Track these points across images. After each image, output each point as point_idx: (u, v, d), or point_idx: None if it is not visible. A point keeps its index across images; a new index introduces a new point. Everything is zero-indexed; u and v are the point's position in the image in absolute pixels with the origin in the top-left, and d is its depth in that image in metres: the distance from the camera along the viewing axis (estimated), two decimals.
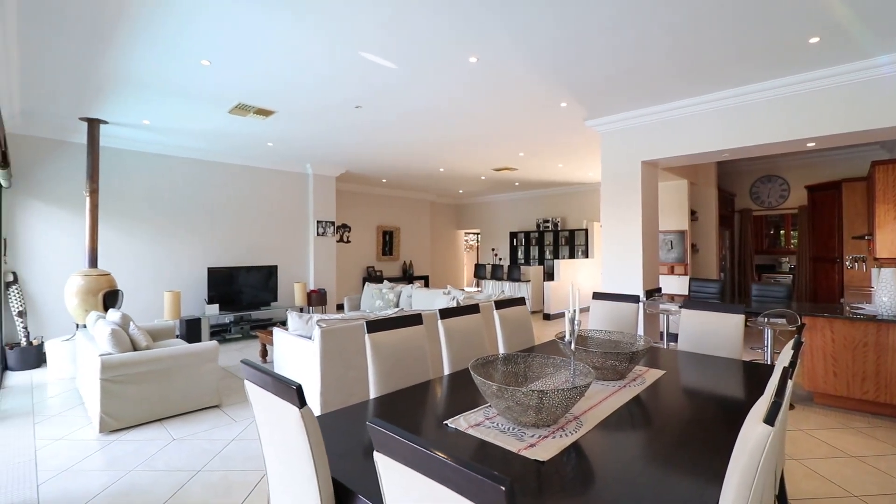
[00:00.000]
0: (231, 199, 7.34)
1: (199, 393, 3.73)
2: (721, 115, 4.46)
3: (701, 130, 4.61)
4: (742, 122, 4.34)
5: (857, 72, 3.69)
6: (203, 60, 3.65)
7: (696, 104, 4.54)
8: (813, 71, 3.84)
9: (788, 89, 4.03)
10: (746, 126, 4.32)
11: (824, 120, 3.90)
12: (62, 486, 2.59)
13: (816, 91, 3.93)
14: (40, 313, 5.49)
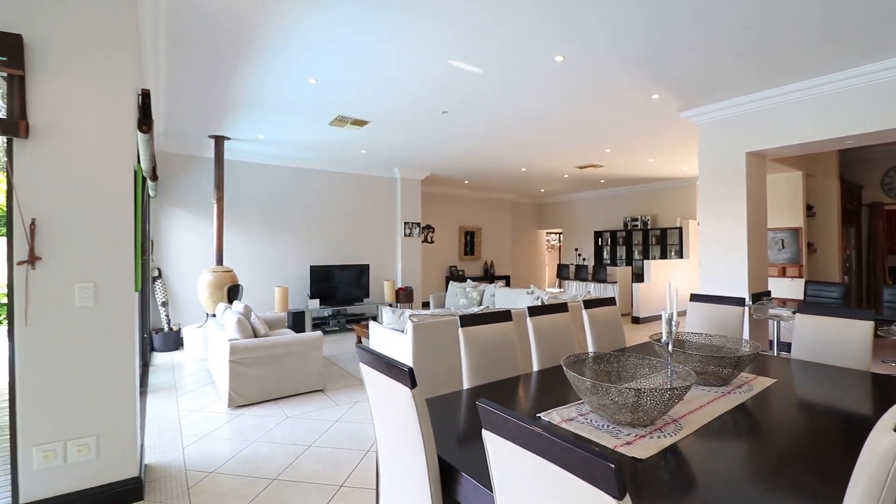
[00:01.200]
0: (329, 203, 7.99)
1: (306, 377, 4.16)
2: (847, 96, 3.96)
3: (819, 115, 4.13)
4: (873, 104, 3.82)
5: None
6: (310, 79, 4.06)
7: (815, 86, 4.07)
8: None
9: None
10: (878, 107, 3.79)
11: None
12: (201, 449, 3.07)
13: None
14: (178, 303, 6.45)
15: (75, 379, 2.25)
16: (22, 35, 2.12)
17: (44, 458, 2.17)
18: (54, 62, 2.21)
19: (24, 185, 2.15)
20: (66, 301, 2.22)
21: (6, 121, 2.11)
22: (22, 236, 2.13)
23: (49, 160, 2.20)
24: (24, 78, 2.14)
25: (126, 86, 2.41)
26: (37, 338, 2.17)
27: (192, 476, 2.67)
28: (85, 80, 2.28)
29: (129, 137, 2.43)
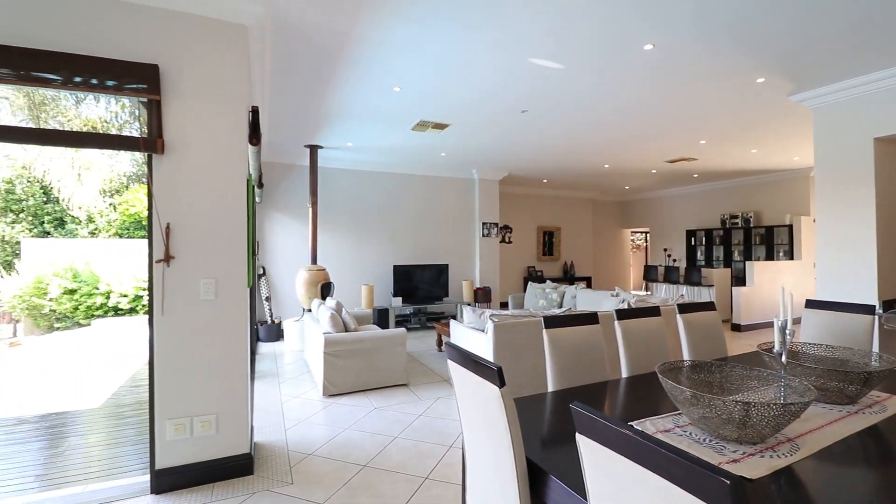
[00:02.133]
0: (410, 205, 8.28)
1: (391, 372, 4.36)
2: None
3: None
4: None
5: None
6: (395, 87, 4.24)
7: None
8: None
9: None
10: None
11: None
12: (300, 432, 3.34)
13: None
14: (280, 298, 7.09)
15: (199, 362, 2.57)
16: (158, 65, 2.47)
17: (175, 431, 2.51)
18: (183, 87, 2.55)
19: (161, 195, 2.51)
20: (193, 294, 2.55)
21: (147, 139, 2.48)
22: (159, 238, 2.49)
23: (179, 172, 2.54)
24: (160, 102, 2.50)
25: (239, 104, 2.70)
26: (170, 325, 2.52)
27: (293, 456, 2.92)
28: (207, 101, 2.60)
29: (242, 150, 2.72)
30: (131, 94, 2.42)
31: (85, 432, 3.61)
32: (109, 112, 9.15)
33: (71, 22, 2.32)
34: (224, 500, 2.40)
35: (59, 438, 3.48)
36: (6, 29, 2.20)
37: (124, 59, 2.39)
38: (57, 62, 2.26)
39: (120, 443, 3.33)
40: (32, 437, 3.51)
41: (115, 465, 2.92)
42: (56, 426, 3.73)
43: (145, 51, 2.46)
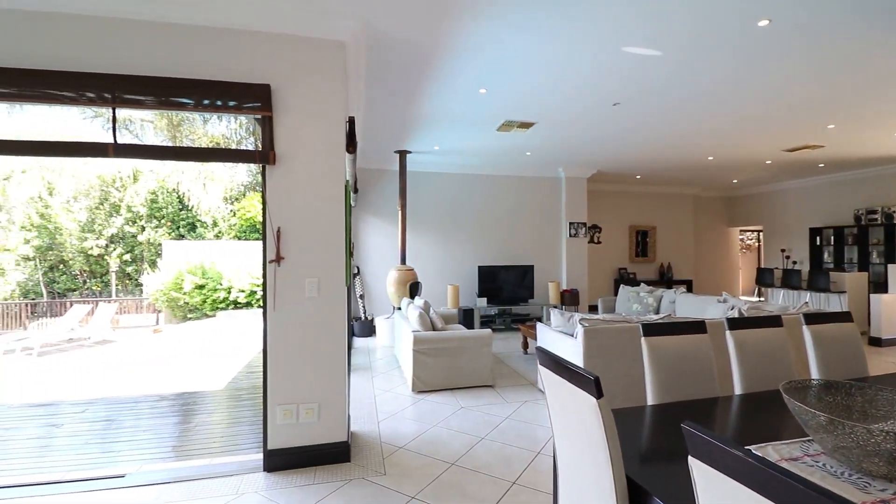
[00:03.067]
0: (495, 206, 8.27)
1: (477, 372, 4.39)
2: None
3: None
4: None
5: None
6: (480, 89, 4.26)
7: None
8: None
9: None
10: None
11: None
12: (392, 425, 3.49)
13: None
14: (372, 296, 7.50)
15: (305, 354, 2.81)
16: (270, 84, 2.74)
17: (284, 416, 2.77)
18: (290, 103, 2.79)
19: (273, 201, 2.78)
20: (300, 292, 2.79)
21: (261, 152, 2.76)
22: (272, 241, 2.76)
23: (287, 181, 2.79)
24: (272, 118, 2.76)
25: (338, 116, 2.90)
26: (280, 320, 2.78)
27: (385, 448, 3.07)
28: (310, 114, 2.83)
29: (341, 158, 2.92)
30: (248, 112, 2.72)
31: (210, 411, 4.12)
32: (230, 129, 10.37)
33: (198, 52, 2.66)
34: (325, 483, 2.59)
35: (191, 415, 4.01)
36: (152, 63, 2.59)
37: (241, 81, 2.69)
38: (188, 88, 2.61)
39: (238, 423, 3.75)
40: (170, 412, 4.09)
41: (234, 442, 3.30)
42: (188, 404, 4.30)
43: (258, 72, 2.74)
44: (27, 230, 12.09)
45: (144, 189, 13.13)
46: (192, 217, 13.52)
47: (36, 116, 8.04)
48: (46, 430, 3.65)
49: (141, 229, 13.05)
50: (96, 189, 12.83)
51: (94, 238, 12.67)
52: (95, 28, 2.54)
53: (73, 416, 3.99)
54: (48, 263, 12.51)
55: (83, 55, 2.51)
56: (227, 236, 13.56)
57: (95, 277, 13.09)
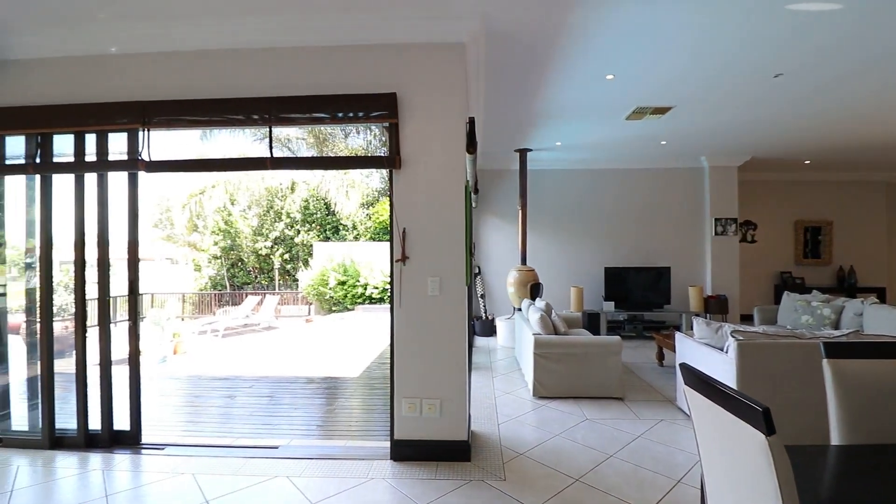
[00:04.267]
0: (623, 202, 7.64)
1: (604, 382, 4.07)
2: None
3: None
4: None
5: None
6: (607, 76, 3.94)
7: None
8: None
9: None
10: None
11: None
12: (512, 429, 3.41)
13: None
14: (492, 296, 7.52)
15: (427, 351, 2.89)
16: (396, 93, 2.88)
17: (408, 409, 2.89)
18: (414, 108, 2.90)
19: (399, 204, 2.92)
20: (422, 291, 2.89)
21: (389, 158, 2.92)
22: (398, 241, 2.90)
23: (411, 183, 2.91)
24: (398, 124, 2.90)
25: (459, 117, 2.92)
26: (405, 316, 2.91)
27: (505, 453, 3.01)
28: (432, 117, 2.90)
29: (461, 159, 2.94)
30: (377, 120, 2.90)
31: (348, 396, 4.53)
32: (365, 141, 11.45)
33: (333, 71, 2.92)
34: (445, 480, 2.63)
35: (332, 398, 4.46)
36: (297, 84, 2.92)
37: (370, 92, 2.88)
38: (326, 103, 2.88)
39: (370, 410, 4.06)
40: (316, 394, 4.60)
41: (366, 427, 3.56)
42: (331, 388, 4.79)
43: (385, 82, 2.90)
44: (216, 234, 14.88)
45: (299, 198, 15.17)
46: (336, 221, 15.19)
47: (220, 141, 9.75)
48: (225, 401, 4.39)
49: (297, 232, 15.08)
50: (264, 199, 15.23)
51: (262, 240, 15.04)
52: (253, 59, 2.96)
53: (244, 390, 4.75)
54: (230, 261, 15.20)
55: (245, 83, 2.95)
56: (364, 238, 14.92)
57: (263, 273, 15.51)
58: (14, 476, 2.71)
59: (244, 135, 10.09)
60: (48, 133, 3.10)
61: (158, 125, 2.99)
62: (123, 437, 3.16)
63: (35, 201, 3.25)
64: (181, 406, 4.30)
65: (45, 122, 3.05)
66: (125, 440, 3.16)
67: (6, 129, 3.11)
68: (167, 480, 2.66)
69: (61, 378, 3.21)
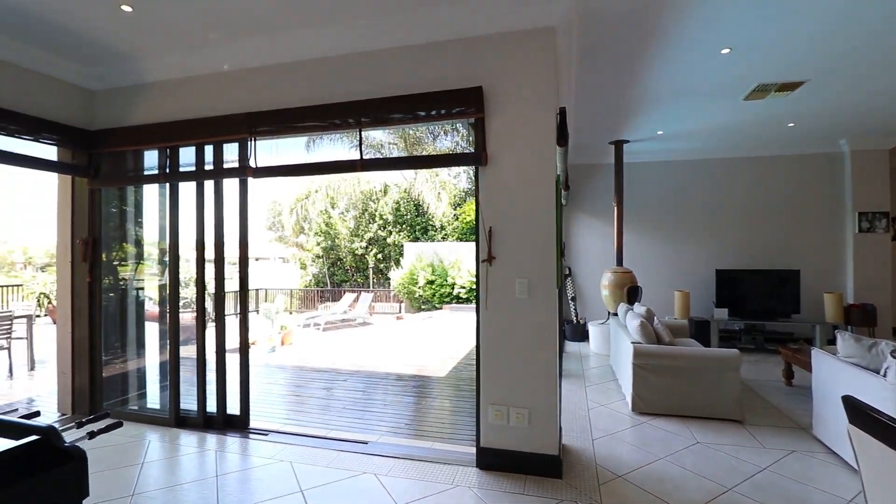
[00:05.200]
0: (738, 195, 6.73)
1: (719, 401, 3.57)
2: None
3: None
4: None
5: None
6: (723, 49, 3.45)
7: None
8: None
9: None
10: None
11: None
12: (608, 446, 3.12)
13: None
14: (584, 299, 7.10)
15: (515, 357, 2.74)
16: (482, 86, 2.77)
17: (495, 416, 2.76)
18: (500, 101, 2.77)
19: (485, 202, 2.81)
20: (510, 292, 2.74)
21: (474, 154, 2.82)
22: (484, 241, 2.79)
23: (498, 180, 2.78)
24: (484, 119, 2.79)
25: (549, 108, 2.73)
26: (492, 319, 2.79)
27: (601, 473, 2.74)
28: (520, 109, 2.75)
29: (552, 153, 2.75)
30: (462, 116, 2.82)
31: (434, 396, 4.53)
32: (453, 142, 11.58)
33: (416, 69, 2.90)
34: (535, 496, 2.46)
35: (420, 397, 4.50)
36: (383, 86, 2.94)
37: (455, 88, 2.80)
38: (410, 102, 2.87)
39: (456, 412, 4.00)
40: (404, 392, 4.67)
41: (452, 430, 3.51)
42: (419, 387, 4.84)
43: (470, 76, 2.81)
44: (318, 235, 16.09)
45: (391, 200, 15.83)
46: (425, 222, 15.59)
47: (322, 150, 10.39)
48: (323, 393, 4.64)
49: (389, 233, 15.74)
50: (360, 202, 16.15)
51: (358, 241, 15.94)
52: (340, 65, 3.06)
53: (340, 383, 4.99)
54: (330, 260, 16.32)
55: (334, 89, 3.05)
56: (452, 238, 15.10)
57: (359, 272, 16.43)
58: (146, 449, 3.09)
59: (342, 143, 10.81)
60: (175, 146, 3.51)
61: (262, 134, 3.22)
62: (235, 420, 3.46)
63: (165, 207, 3.70)
64: (285, 395, 4.63)
65: (172, 136, 3.45)
66: (236, 424, 3.45)
67: (144, 144, 3.58)
68: (269, 466, 2.83)
69: (187, 363, 3.60)
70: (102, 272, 3.82)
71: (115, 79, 3.66)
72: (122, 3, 2.65)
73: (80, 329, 3.77)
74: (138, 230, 4.03)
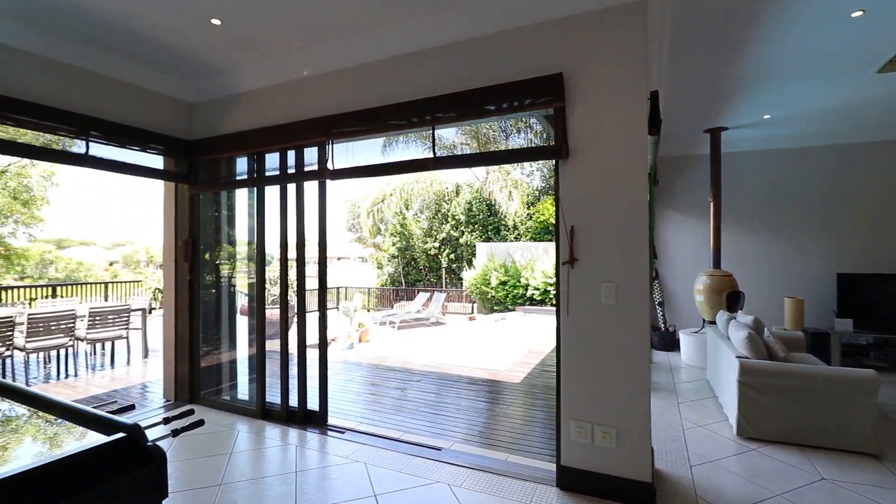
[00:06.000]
0: (860, 187, 5.73)
1: (848, 430, 3.01)
2: None
3: None
4: None
5: None
6: (854, 12, 2.90)
7: None
8: None
9: None
10: None
11: None
12: (710, 476, 2.74)
13: None
14: (673, 304, 6.48)
15: (600, 369, 2.49)
16: (562, 72, 2.55)
17: (577, 433, 2.53)
18: (583, 87, 2.54)
19: (566, 198, 2.59)
20: (594, 298, 2.50)
21: (554, 147, 2.61)
22: (564, 241, 2.57)
23: (581, 174, 2.55)
24: (564, 108, 2.57)
25: (638, 92, 2.45)
26: (574, 327, 2.56)
27: None
28: (606, 95, 2.49)
29: (643, 143, 2.46)
30: (541, 106, 2.62)
31: (509, 403, 4.35)
32: (526, 140, 11.26)
33: (490, 60, 2.75)
34: None
35: (494, 404, 4.34)
36: (459, 77, 2.83)
37: (532, 76, 2.61)
38: (484, 95, 2.73)
39: (531, 422, 3.79)
40: (478, 397, 4.54)
41: (527, 442, 3.31)
42: (493, 392, 4.69)
43: (549, 63, 2.60)
44: (393, 236, 16.54)
45: (463, 201, 15.83)
46: (497, 221, 15.39)
47: (397, 153, 10.57)
48: (397, 393, 4.66)
49: (461, 233, 15.75)
50: (432, 203, 16.37)
51: (431, 241, 16.14)
52: (409, 63, 3.01)
53: (414, 384, 4.99)
54: (405, 260, 16.71)
55: (405, 88, 3.01)
56: (525, 238, 14.73)
57: (432, 272, 16.62)
58: (235, 439, 3.27)
59: (416, 146, 11.03)
60: (261, 152, 3.69)
61: (338, 136, 3.27)
62: (314, 416, 3.56)
63: (254, 210, 3.91)
64: (361, 393, 4.72)
65: (258, 143, 3.63)
66: (315, 420, 3.55)
67: (235, 151, 3.81)
68: (344, 466, 2.85)
69: (273, 357, 3.78)
70: (200, 270, 4.13)
71: (210, 91, 3.94)
72: (211, 16, 2.81)
73: (182, 323, 4.11)
74: (231, 231, 4.33)
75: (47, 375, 5.41)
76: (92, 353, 6.28)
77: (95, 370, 5.64)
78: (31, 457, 1.24)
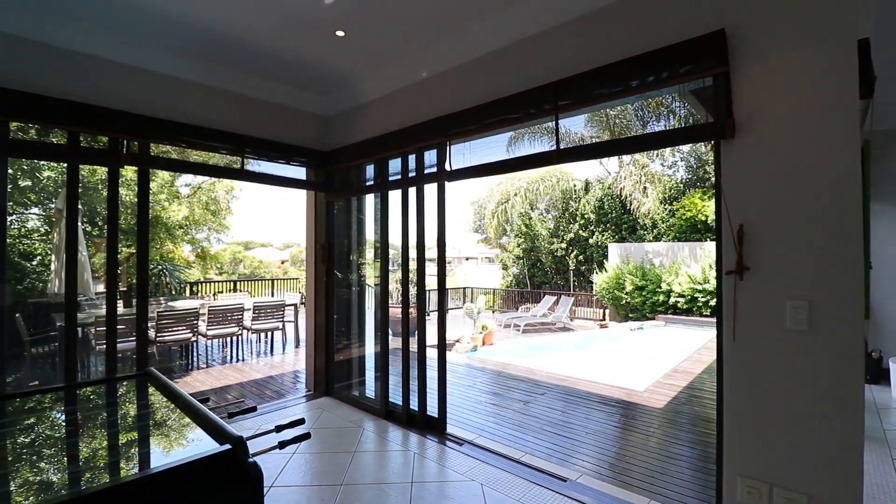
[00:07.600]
0: None
1: None
2: None
3: None
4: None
5: None
6: None
7: None
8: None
9: None
10: None
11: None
12: None
13: None
14: (881, 323, 4.99)
15: (784, 413, 1.89)
16: (724, 28, 2.01)
17: (747, 494, 1.96)
18: (755, 45, 1.96)
19: (730, 190, 2.04)
20: (776, 320, 1.90)
21: (713, 124, 2.08)
22: (730, 244, 2.03)
23: (754, 157, 1.98)
24: (728, 73, 2.02)
25: (843, 42, 1.79)
26: (743, 356, 2.00)
27: None
28: (789, 51, 1.88)
29: (852, 111, 1.80)
30: (693, 77, 2.09)
31: (649, 432, 3.74)
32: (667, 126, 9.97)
33: (625, 26, 2.30)
34: None
35: (630, 430, 3.78)
36: (580, 57, 2.45)
37: (680, 40, 2.11)
38: (618, 71, 2.30)
39: (676, 458, 3.16)
40: (612, 419, 4.01)
41: (673, 485, 2.75)
42: (628, 416, 4.10)
43: (704, 17, 2.08)
44: (518, 237, 16.21)
45: (593, 198, 14.75)
46: (632, 220, 13.97)
47: (521, 150, 10.12)
48: (519, 406, 4.38)
49: (591, 233, 14.69)
50: (559, 202, 15.61)
51: (558, 242, 15.40)
52: (526, 49, 2.70)
53: (538, 397, 4.65)
54: (530, 262, 16.25)
55: (526, 75, 2.72)
56: (666, 238, 13.09)
57: (559, 274, 15.86)
58: (360, 438, 3.36)
59: (539, 143, 10.56)
60: (384, 157, 3.76)
61: (456, 136, 3.14)
62: (433, 423, 3.49)
63: (378, 213, 4.03)
64: (482, 402, 4.55)
65: (381, 149, 3.71)
66: (434, 426, 3.48)
67: (362, 159, 3.96)
68: (460, 483, 2.69)
69: (397, 356, 3.82)
70: (334, 272, 4.41)
71: (341, 104, 4.17)
72: (336, 28, 2.90)
73: (319, 320, 4.44)
74: (360, 234, 4.55)
75: (223, 358, 6.40)
76: (257, 342, 7.28)
77: (259, 357, 6.50)
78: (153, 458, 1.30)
